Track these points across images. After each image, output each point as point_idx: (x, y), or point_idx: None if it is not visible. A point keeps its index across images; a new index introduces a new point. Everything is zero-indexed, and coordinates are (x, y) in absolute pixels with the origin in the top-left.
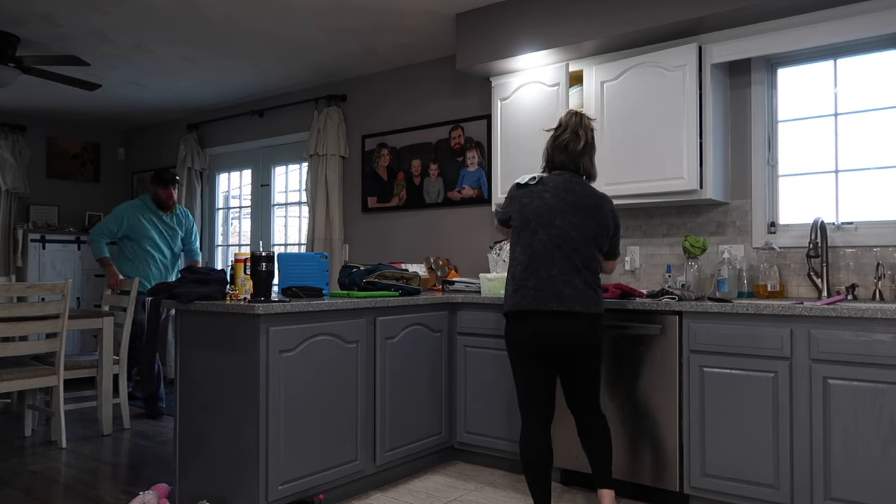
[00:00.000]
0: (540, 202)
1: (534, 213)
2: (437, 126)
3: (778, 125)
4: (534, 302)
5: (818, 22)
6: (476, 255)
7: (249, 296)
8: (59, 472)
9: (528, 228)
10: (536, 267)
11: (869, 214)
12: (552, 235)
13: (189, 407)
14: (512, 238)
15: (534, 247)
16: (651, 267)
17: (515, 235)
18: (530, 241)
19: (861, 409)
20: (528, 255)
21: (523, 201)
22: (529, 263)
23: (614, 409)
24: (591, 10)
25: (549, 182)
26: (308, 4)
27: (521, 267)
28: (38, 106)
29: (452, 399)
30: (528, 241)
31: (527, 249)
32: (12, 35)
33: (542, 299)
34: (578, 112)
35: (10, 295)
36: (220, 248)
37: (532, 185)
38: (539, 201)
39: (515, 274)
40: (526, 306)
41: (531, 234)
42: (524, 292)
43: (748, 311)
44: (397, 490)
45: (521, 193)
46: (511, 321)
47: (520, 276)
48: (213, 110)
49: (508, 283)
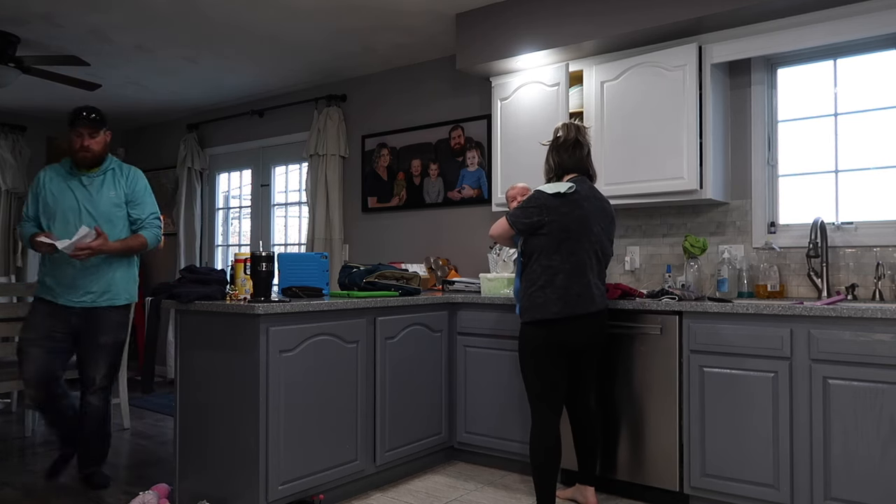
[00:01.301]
0: (581, 211)
1: (576, 221)
2: (437, 126)
3: (778, 125)
4: (577, 308)
5: (818, 22)
6: (476, 255)
7: (249, 296)
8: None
9: (571, 237)
10: (578, 274)
11: (869, 214)
12: (591, 242)
13: (189, 407)
14: (549, 246)
15: (577, 255)
16: (651, 267)
17: (554, 244)
18: (574, 249)
19: (861, 409)
20: (572, 264)
21: (563, 210)
22: (573, 271)
23: (614, 409)
24: (591, 10)
25: (581, 190)
26: (308, 4)
27: (564, 275)
28: (38, 106)
29: (452, 399)
30: (571, 249)
31: (570, 258)
32: (12, 35)
33: (582, 304)
34: (576, 123)
35: (10, 295)
36: (220, 248)
37: (570, 194)
38: (580, 210)
39: (556, 282)
40: (569, 313)
41: (574, 243)
42: (568, 299)
43: (748, 311)
44: (397, 490)
45: (560, 203)
46: (547, 325)
47: (562, 283)
48: (212, 110)
49: (546, 291)
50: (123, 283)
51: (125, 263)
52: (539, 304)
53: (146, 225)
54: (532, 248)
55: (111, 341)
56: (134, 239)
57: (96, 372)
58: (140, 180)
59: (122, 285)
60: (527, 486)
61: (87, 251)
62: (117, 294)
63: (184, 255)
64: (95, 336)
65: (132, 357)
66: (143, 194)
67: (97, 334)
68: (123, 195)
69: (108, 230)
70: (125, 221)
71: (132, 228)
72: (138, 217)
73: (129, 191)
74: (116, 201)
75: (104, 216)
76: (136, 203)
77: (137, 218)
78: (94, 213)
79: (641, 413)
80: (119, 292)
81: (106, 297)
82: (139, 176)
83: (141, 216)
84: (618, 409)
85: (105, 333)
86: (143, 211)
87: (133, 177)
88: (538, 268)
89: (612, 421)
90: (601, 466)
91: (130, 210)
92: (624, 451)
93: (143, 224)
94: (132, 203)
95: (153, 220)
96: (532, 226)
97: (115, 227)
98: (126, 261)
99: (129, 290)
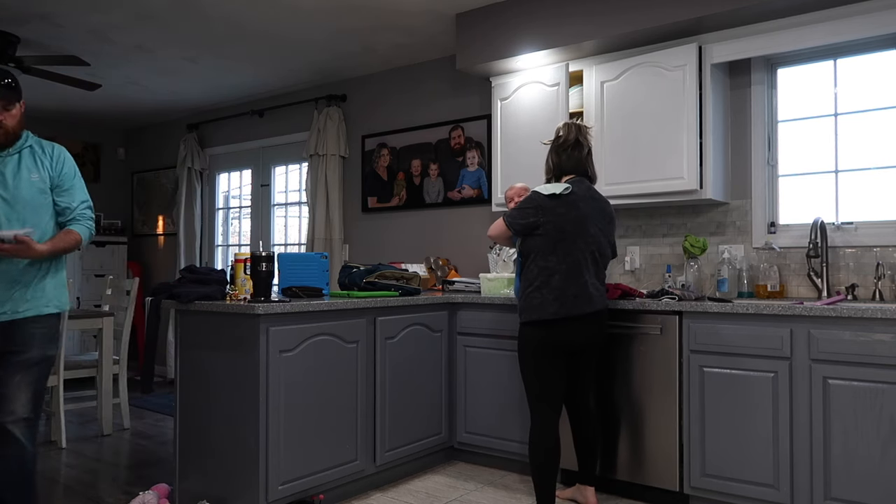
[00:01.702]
0: (577, 212)
1: (571, 222)
2: (437, 126)
3: (778, 125)
4: (574, 308)
5: (818, 22)
6: (476, 255)
7: (249, 296)
8: (59, 472)
9: (566, 238)
10: (575, 275)
11: (869, 214)
12: (588, 243)
13: (189, 407)
14: (545, 246)
15: (573, 255)
16: (651, 267)
17: (550, 244)
18: (569, 249)
19: (861, 409)
20: (568, 265)
21: (558, 211)
22: (569, 272)
23: (614, 409)
24: (591, 10)
25: (578, 191)
26: (308, 4)
27: (560, 276)
28: (38, 106)
29: (452, 399)
30: (566, 250)
31: (566, 259)
32: (12, 35)
33: (579, 305)
34: (577, 123)
35: None
36: (220, 248)
37: (566, 195)
38: (576, 211)
39: (552, 283)
40: (566, 313)
41: (570, 244)
42: (564, 300)
43: (748, 311)
44: (397, 490)
45: (556, 203)
46: (545, 326)
47: (558, 284)
48: (213, 110)
49: (543, 291)
50: (52, 290)
51: (53, 266)
52: (536, 305)
53: (78, 217)
54: (529, 249)
55: (36, 358)
56: (64, 237)
57: (16, 398)
58: (68, 161)
59: (51, 292)
60: (527, 486)
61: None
62: (44, 302)
63: (184, 255)
64: (16, 352)
65: (132, 357)
66: (73, 178)
67: (19, 350)
68: (49, 179)
69: (34, 222)
70: (52, 211)
71: (59, 220)
72: (67, 206)
73: (55, 174)
74: (41, 186)
75: (27, 205)
76: (63, 189)
77: (66, 207)
78: (11, 202)
79: (641, 413)
80: (46, 300)
81: (28, 306)
82: (66, 156)
83: (71, 205)
84: (618, 409)
85: (29, 349)
86: (72, 198)
87: (59, 157)
88: (535, 268)
89: (612, 421)
90: (601, 466)
91: (57, 197)
92: (624, 451)
93: (74, 215)
94: (59, 189)
95: (85, 211)
96: (528, 226)
97: (42, 218)
98: (53, 263)
99: (58, 297)
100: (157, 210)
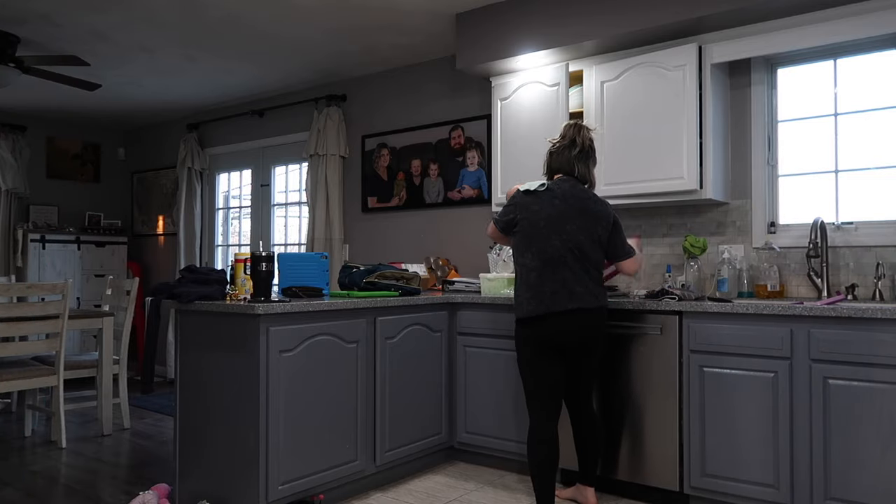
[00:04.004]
0: (552, 209)
1: (545, 219)
2: (437, 126)
3: (778, 125)
4: (552, 305)
5: (818, 22)
6: (476, 255)
7: (249, 296)
8: (59, 472)
9: (541, 235)
10: (550, 271)
11: (869, 214)
12: (564, 241)
13: (189, 407)
14: (521, 244)
15: (548, 252)
16: (651, 267)
17: (525, 241)
18: (543, 247)
19: (861, 409)
20: (542, 261)
21: (533, 208)
22: (544, 269)
23: (614, 409)
24: (591, 10)
25: (556, 188)
26: (308, 4)
27: (536, 273)
28: (38, 106)
29: (452, 399)
30: (541, 247)
31: (540, 255)
32: (12, 35)
33: (558, 301)
34: (578, 123)
35: (10, 295)
36: (220, 248)
37: (541, 192)
38: (550, 208)
39: (530, 281)
40: (544, 311)
41: (544, 241)
42: (542, 297)
43: (748, 311)
44: (397, 490)
45: (530, 200)
46: (528, 324)
47: (535, 282)
48: (212, 110)
49: (521, 290)
50: None
51: None
52: (519, 304)
53: None
54: (513, 246)
55: None
56: None
57: None
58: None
59: None
60: (526, 485)
61: None
62: None
63: (184, 255)
64: None
65: (132, 357)
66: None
67: None
68: None
69: None
70: None
71: None
72: None
73: None
74: None
75: None
76: None
77: None
78: None
79: (641, 413)
80: None
81: None
82: None
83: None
84: (618, 408)
85: None
86: None
87: None
88: (517, 267)
89: (613, 421)
90: (601, 466)
91: None
92: (624, 450)
93: None
94: None
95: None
96: (509, 223)
97: None
98: None
99: None
100: (157, 210)
